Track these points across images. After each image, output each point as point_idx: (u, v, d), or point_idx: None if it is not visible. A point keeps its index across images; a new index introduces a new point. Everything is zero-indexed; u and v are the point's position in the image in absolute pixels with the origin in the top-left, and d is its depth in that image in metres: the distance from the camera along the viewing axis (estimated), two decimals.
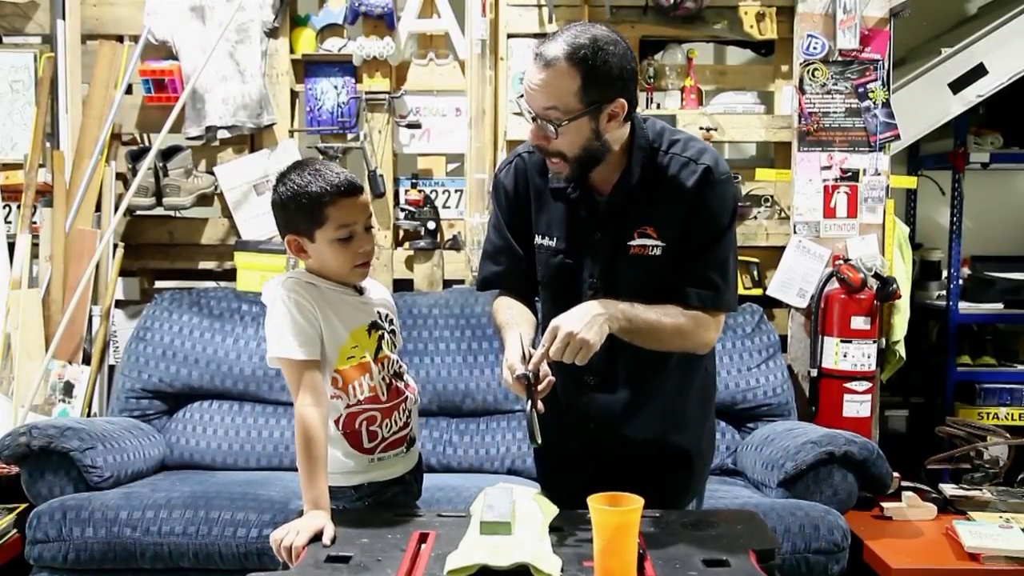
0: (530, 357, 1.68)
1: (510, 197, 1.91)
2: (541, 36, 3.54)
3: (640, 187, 1.78)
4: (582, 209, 1.82)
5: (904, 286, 3.43)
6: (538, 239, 1.88)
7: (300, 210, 1.75)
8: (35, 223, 3.33)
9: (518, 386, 1.66)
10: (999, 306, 3.95)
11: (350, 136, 3.54)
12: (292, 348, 1.71)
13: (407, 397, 1.87)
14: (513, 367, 1.67)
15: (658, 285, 1.79)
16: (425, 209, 3.51)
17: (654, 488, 1.71)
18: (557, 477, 1.98)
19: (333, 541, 1.59)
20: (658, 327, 1.74)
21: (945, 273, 3.97)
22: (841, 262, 3.34)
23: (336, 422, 1.78)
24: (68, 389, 3.21)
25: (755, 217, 3.55)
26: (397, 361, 1.87)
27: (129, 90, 3.44)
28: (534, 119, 1.71)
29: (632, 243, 1.78)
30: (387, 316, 1.88)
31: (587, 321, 1.63)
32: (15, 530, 2.71)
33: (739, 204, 3.46)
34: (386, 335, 1.85)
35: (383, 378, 1.81)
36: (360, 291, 1.85)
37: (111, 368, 3.37)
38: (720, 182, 1.76)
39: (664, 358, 1.83)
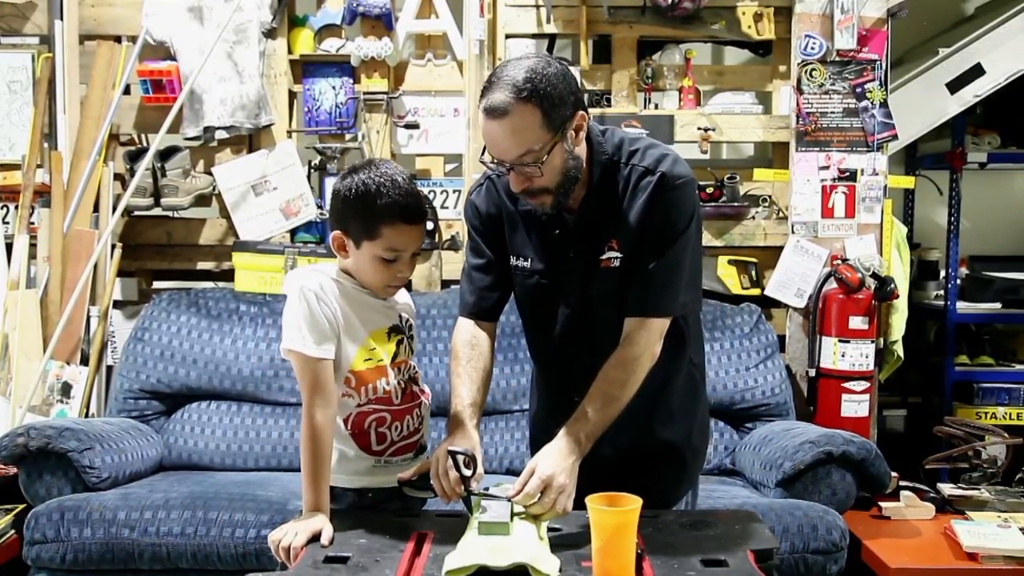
0: (471, 461, 1.67)
1: (483, 218, 1.92)
2: (539, 36, 3.55)
3: (605, 201, 1.79)
4: (554, 229, 1.83)
5: (902, 286, 3.43)
6: (513, 260, 1.89)
7: (358, 216, 1.71)
8: (33, 224, 3.33)
9: (448, 489, 1.66)
10: (997, 306, 3.96)
11: (348, 136, 3.54)
12: (307, 344, 1.69)
13: (421, 403, 1.86)
14: (455, 480, 1.65)
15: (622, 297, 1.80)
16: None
17: (647, 482, 1.71)
18: None
19: (331, 542, 1.59)
20: (615, 409, 1.74)
21: (943, 273, 3.98)
22: (839, 262, 3.34)
23: (345, 421, 1.77)
24: (66, 390, 3.21)
25: (753, 217, 3.55)
26: (413, 366, 1.87)
27: (127, 91, 3.44)
28: (509, 170, 1.70)
29: (603, 257, 1.80)
30: (407, 321, 1.87)
31: (570, 471, 1.65)
32: (13, 531, 2.70)
33: (731, 205, 3.46)
34: (405, 339, 1.85)
35: (399, 382, 1.81)
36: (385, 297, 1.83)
37: (109, 368, 3.37)
38: (675, 188, 1.75)
39: None
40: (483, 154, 1.74)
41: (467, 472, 1.65)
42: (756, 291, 3.48)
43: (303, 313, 1.70)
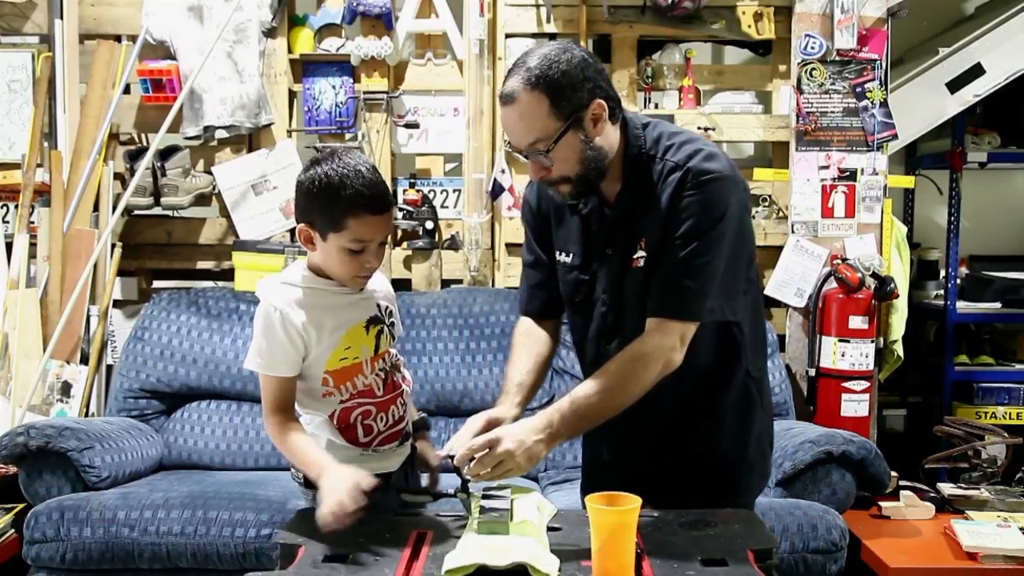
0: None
1: (534, 213, 1.92)
2: (539, 36, 3.56)
3: (638, 197, 1.74)
4: (593, 224, 1.80)
5: (902, 286, 3.43)
6: (557, 255, 1.87)
7: (322, 209, 1.70)
8: (33, 223, 3.33)
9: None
10: (997, 305, 3.96)
11: (348, 136, 3.54)
12: (271, 365, 1.72)
13: (403, 390, 1.86)
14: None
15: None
16: (423, 209, 3.51)
17: (694, 496, 1.70)
18: (596, 481, 1.93)
19: (373, 486, 1.60)
20: (608, 401, 1.67)
21: (943, 272, 3.98)
22: (839, 262, 3.34)
23: (331, 417, 1.77)
24: (66, 389, 3.21)
25: (753, 217, 3.55)
26: (395, 354, 1.86)
27: (127, 90, 3.44)
28: (526, 157, 1.70)
29: (634, 256, 1.75)
30: (387, 308, 1.86)
31: (528, 446, 1.60)
32: (13, 530, 2.70)
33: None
34: (385, 329, 1.83)
35: (377, 373, 1.80)
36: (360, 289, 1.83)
37: (109, 368, 3.37)
38: (700, 184, 1.67)
39: (690, 371, 1.73)
40: (507, 142, 1.74)
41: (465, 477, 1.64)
42: None
43: (268, 334, 1.72)
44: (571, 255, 1.84)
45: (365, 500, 1.58)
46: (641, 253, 1.73)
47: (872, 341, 3.26)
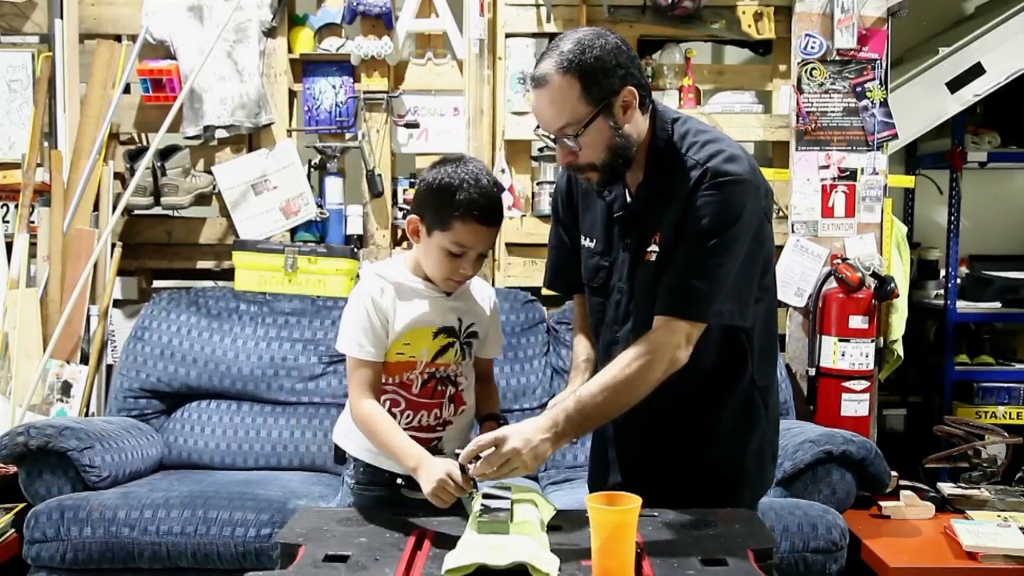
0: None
1: (563, 199, 1.93)
2: (539, 35, 3.56)
3: (657, 190, 1.73)
4: (615, 212, 1.80)
5: (902, 285, 3.43)
6: (582, 240, 1.89)
7: (435, 206, 1.75)
8: (33, 223, 3.33)
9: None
10: (997, 305, 3.97)
11: (348, 136, 3.54)
12: (364, 349, 1.77)
13: (442, 404, 1.84)
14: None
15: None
16: None
17: (690, 497, 1.70)
18: (600, 479, 1.96)
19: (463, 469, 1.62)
20: (614, 401, 1.66)
21: (943, 272, 3.98)
22: (839, 261, 3.34)
23: None
24: (66, 389, 3.21)
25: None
26: (456, 371, 1.85)
27: (127, 90, 3.44)
28: (555, 141, 1.69)
29: (648, 249, 1.74)
30: (470, 327, 1.86)
31: (534, 444, 1.59)
32: (13, 530, 2.70)
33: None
34: (458, 345, 1.83)
35: (423, 373, 1.81)
36: (448, 292, 1.84)
37: (109, 368, 3.37)
38: (718, 185, 1.65)
39: (692, 371, 1.71)
40: (537, 127, 1.73)
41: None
42: None
43: (362, 318, 1.78)
44: (594, 240, 1.86)
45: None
46: (654, 247, 1.73)
47: (872, 341, 3.26)
